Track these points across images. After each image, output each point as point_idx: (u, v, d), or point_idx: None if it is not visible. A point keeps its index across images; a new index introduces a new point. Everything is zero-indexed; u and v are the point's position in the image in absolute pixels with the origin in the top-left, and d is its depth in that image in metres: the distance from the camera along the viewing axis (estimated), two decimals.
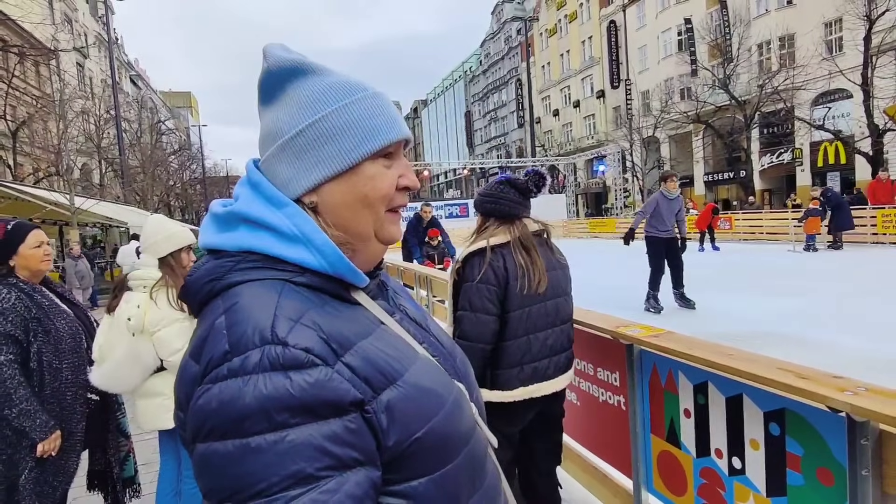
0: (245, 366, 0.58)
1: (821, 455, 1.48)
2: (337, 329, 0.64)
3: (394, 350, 0.68)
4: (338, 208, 0.72)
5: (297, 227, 0.68)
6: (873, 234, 14.55)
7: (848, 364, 4.67)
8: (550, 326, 2.15)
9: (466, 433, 0.71)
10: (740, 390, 1.73)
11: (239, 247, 0.68)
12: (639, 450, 2.25)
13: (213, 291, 0.67)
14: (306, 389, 0.57)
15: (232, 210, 0.72)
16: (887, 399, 1.28)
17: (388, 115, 0.74)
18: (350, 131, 0.71)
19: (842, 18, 21.57)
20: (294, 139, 0.71)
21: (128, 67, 44.87)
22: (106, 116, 27.36)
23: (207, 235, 0.72)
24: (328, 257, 0.68)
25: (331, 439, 0.58)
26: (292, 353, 0.58)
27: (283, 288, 0.66)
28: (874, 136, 19.31)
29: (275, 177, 0.73)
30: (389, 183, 0.74)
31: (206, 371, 0.60)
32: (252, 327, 0.60)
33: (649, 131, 30.74)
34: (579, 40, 41.66)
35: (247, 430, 0.56)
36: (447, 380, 0.73)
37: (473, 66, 66.08)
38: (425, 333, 0.80)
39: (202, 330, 0.65)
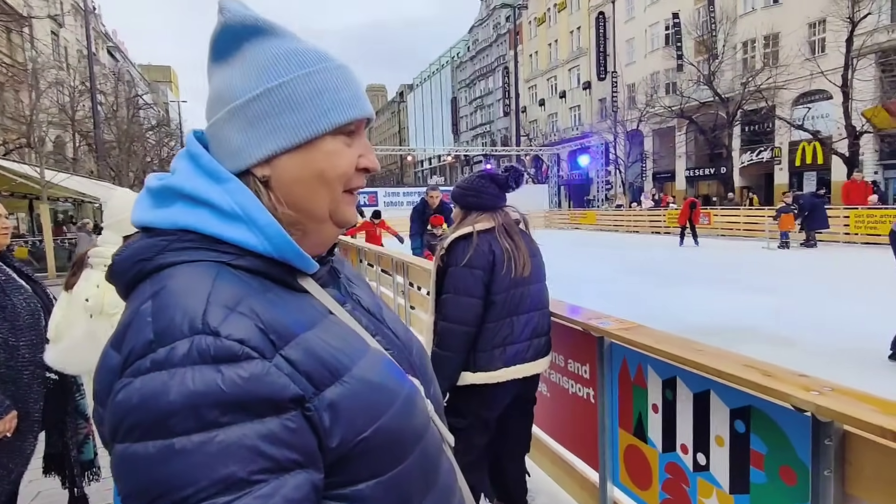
0: (171, 357, 0.52)
1: (784, 454, 1.47)
2: (277, 318, 0.59)
3: (341, 342, 0.62)
4: (292, 184, 0.66)
5: (238, 204, 0.62)
6: (846, 233, 14.88)
7: (816, 361, 4.76)
8: (533, 310, 2.23)
9: (419, 432, 0.67)
10: (708, 386, 1.72)
11: (173, 224, 0.62)
12: (606, 443, 2.23)
13: (142, 273, 0.61)
14: (239, 385, 0.52)
15: (167, 184, 0.65)
16: (852, 400, 1.26)
17: (353, 89, 0.69)
18: (313, 102, 0.66)
19: (826, 20, 21.81)
20: (249, 104, 0.65)
21: (105, 38, 43.46)
22: (81, 88, 26.54)
23: (141, 211, 0.66)
24: (272, 239, 0.62)
25: (266, 439, 0.53)
26: (225, 345, 0.53)
27: (220, 271, 0.60)
28: (851, 138, 19.68)
29: (222, 144, 0.66)
30: (349, 161, 0.69)
31: (126, 362, 0.54)
32: (181, 314, 0.55)
33: (633, 124, 30.90)
34: (568, 30, 41.53)
35: (171, 429, 0.50)
36: (399, 374, 0.68)
37: (461, 53, 65.54)
38: (379, 324, 0.75)
39: (126, 316, 0.59)
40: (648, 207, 24.73)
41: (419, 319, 4.65)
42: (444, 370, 2.15)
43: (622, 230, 24.08)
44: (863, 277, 9.57)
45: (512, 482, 2.53)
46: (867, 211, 14.51)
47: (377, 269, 6.08)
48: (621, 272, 11.27)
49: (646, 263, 12.58)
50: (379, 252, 6.06)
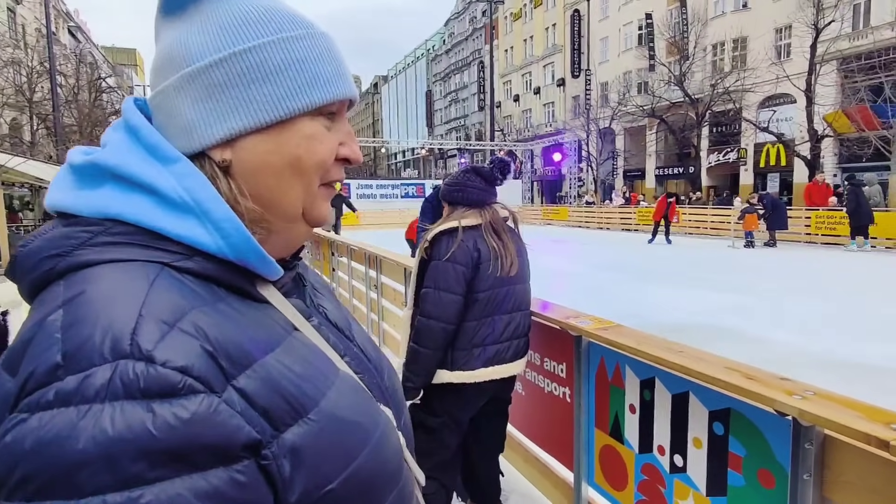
0: (84, 389, 0.40)
1: (763, 457, 1.46)
2: (230, 338, 0.46)
3: (307, 368, 0.51)
4: (259, 172, 0.54)
5: (187, 190, 0.50)
6: (807, 233, 15.37)
7: (781, 358, 4.87)
8: (516, 310, 2.19)
9: (394, 476, 0.57)
10: (687, 388, 1.70)
11: (100, 212, 0.49)
12: (581, 443, 2.21)
13: (53, 272, 0.48)
14: (177, 428, 0.40)
15: (95, 160, 0.51)
16: (834, 404, 1.26)
17: (337, 64, 0.58)
18: (289, 73, 0.53)
19: (791, 25, 22.42)
20: (209, 69, 0.52)
21: (66, 17, 41.67)
22: (39, 69, 25.40)
23: (57, 192, 0.52)
24: (229, 237, 0.50)
25: (209, 499, 0.41)
26: (160, 374, 0.41)
27: (159, 275, 0.47)
28: (813, 141, 20.33)
29: (172, 118, 0.53)
30: (328, 148, 0.57)
31: (22, 392, 0.41)
32: (102, 331, 0.42)
33: (606, 122, 31.28)
34: (543, 27, 41.71)
35: (79, 487, 0.38)
36: (373, 406, 0.57)
37: (437, 45, 65.20)
38: (348, 343, 0.63)
39: (27, 328, 0.45)
40: (619, 205, 25.11)
41: (392, 337, 4.55)
42: (420, 367, 2.10)
43: (593, 226, 24.39)
44: (823, 276, 9.90)
45: (485, 482, 2.50)
46: (827, 212, 15.01)
47: (349, 262, 5.97)
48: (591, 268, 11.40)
49: (616, 260, 12.76)
50: (350, 245, 5.95)
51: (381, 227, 20.31)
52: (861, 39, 21.39)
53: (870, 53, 20.14)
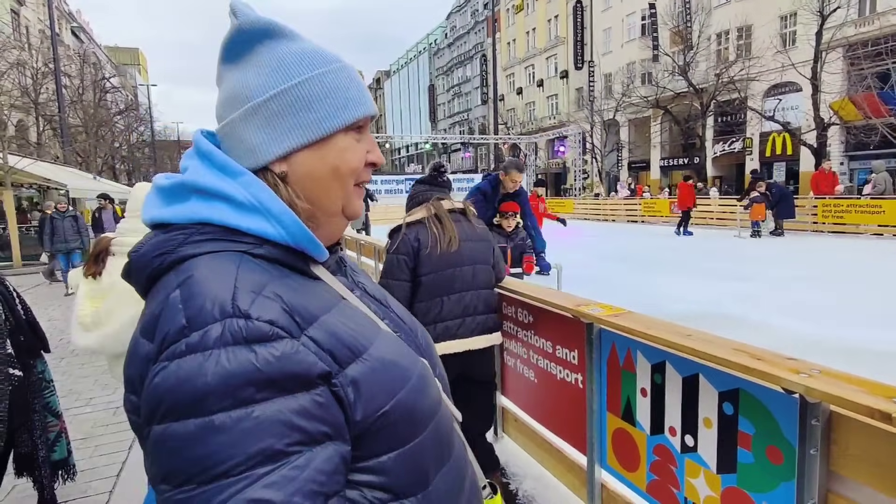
0: (205, 340, 0.55)
1: (771, 434, 1.52)
2: (299, 302, 0.61)
3: (356, 324, 0.66)
4: (308, 179, 0.70)
5: (253, 196, 0.65)
6: (814, 222, 15.32)
7: (787, 345, 4.91)
8: (466, 290, 2.43)
9: (432, 407, 0.70)
10: (697, 370, 1.76)
11: (190, 219, 0.65)
12: (594, 427, 2.27)
13: (164, 266, 0.63)
14: (272, 363, 0.55)
15: (182, 181, 0.68)
16: (839, 381, 1.31)
17: (360, 88, 0.73)
18: (327, 100, 0.69)
19: (797, 13, 22.24)
20: (266, 103, 0.68)
21: (69, 18, 41.79)
22: (44, 70, 25.52)
23: (152, 209, 0.68)
24: (288, 227, 0.65)
25: (299, 413, 0.56)
26: (256, 326, 0.56)
27: (241, 260, 0.63)
28: (819, 129, 20.19)
29: (240, 142, 0.69)
30: (359, 157, 0.73)
31: (161, 348, 0.56)
32: (211, 300, 0.57)
33: (610, 114, 31.17)
34: (545, 19, 41.50)
35: (209, 407, 0.53)
36: (411, 354, 0.72)
37: (439, 39, 64.97)
38: (386, 310, 0.79)
39: (154, 306, 0.61)
40: (624, 196, 25.07)
41: None
42: None
43: (599, 219, 24.37)
44: (830, 264, 9.89)
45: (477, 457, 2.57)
46: (834, 200, 14.96)
47: (359, 257, 6.04)
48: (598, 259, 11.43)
49: (622, 251, 12.78)
50: (360, 240, 6.02)
51: (386, 221, 20.37)
52: (867, 26, 21.20)
53: (876, 40, 19.97)
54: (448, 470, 0.71)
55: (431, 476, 0.68)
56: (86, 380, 5.05)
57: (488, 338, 2.51)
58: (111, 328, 2.26)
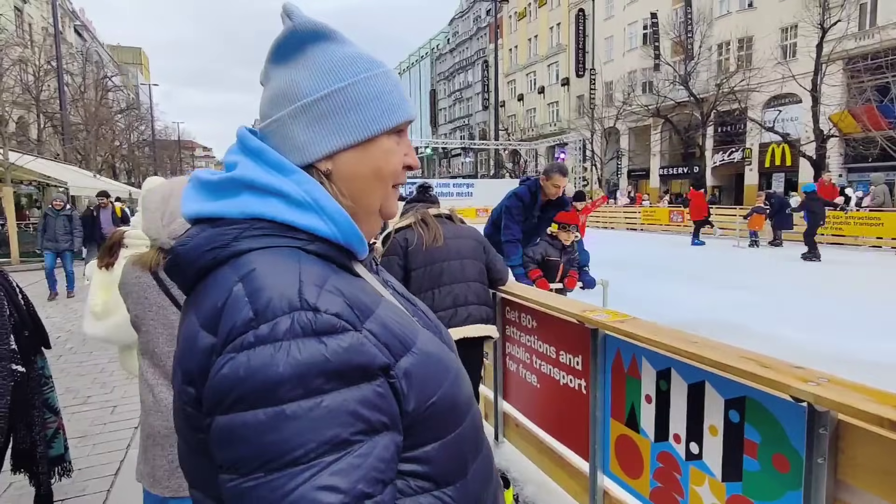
0: (275, 332, 0.56)
1: (778, 442, 1.52)
2: (356, 296, 0.63)
3: (403, 319, 0.68)
4: (351, 178, 0.72)
5: (308, 193, 0.67)
6: None
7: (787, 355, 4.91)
8: (455, 282, 2.57)
9: (469, 399, 0.74)
10: (703, 377, 1.76)
11: (244, 213, 0.66)
12: (597, 433, 2.27)
13: (218, 259, 0.64)
14: (341, 354, 0.57)
15: (233, 176, 0.68)
16: (848, 390, 1.31)
17: (402, 93, 0.76)
18: (374, 103, 0.71)
19: (797, 25, 22.38)
20: (317, 103, 0.69)
21: (72, 17, 41.83)
22: (46, 67, 25.51)
23: (196, 203, 0.69)
24: (340, 225, 0.67)
25: (363, 404, 0.58)
26: (325, 318, 0.58)
27: (301, 255, 0.64)
28: (818, 141, 20.28)
29: (287, 140, 0.70)
30: (399, 159, 0.75)
31: (227, 340, 0.57)
32: (278, 294, 0.58)
33: (610, 122, 31.27)
34: (548, 26, 41.68)
35: (281, 397, 0.54)
36: (447, 349, 0.74)
37: (441, 45, 65.18)
38: (415, 308, 0.81)
39: (213, 299, 0.61)
40: (624, 204, 25.11)
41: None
42: None
43: (598, 226, 24.41)
44: (828, 275, 9.91)
45: None
46: (833, 212, 14.99)
47: None
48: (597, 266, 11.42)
49: (622, 259, 12.78)
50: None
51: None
52: (867, 39, 21.33)
53: (876, 53, 20.08)
54: (482, 459, 0.74)
55: (469, 465, 0.71)
56: (83, 378, 5.03)
57: (482, 328, 2.61)
58: (118, 318, 2.27)
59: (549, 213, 4.44)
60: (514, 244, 4.31)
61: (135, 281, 1.66)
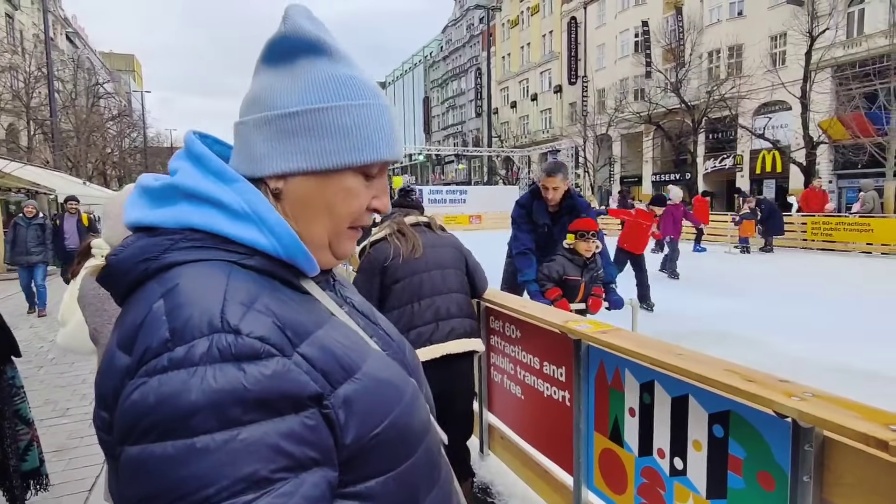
0: (191, 356, 0.51)
1: (763, 459, 1.47)
2: (292, 317, 0.58)
3: (349, 341, 0.63)
4: (300, 205, 0.67)
5: (248, 203, 0.62)
6: (803, 239, 15.42)
7: (776, 363, 4.88)
8: (436, 294, 2.41)
9: (423, 428, 0.68)
10: (686, 391, 1.70)
11: (179, 223, 0.61)
12: (581, 447, 2.21)
13: (147, 273, 0.59)
14: (262, 382, 0.52)
15: (172, 183, 0.64)
16: (833, 406, 1.26)
17: (390, 132, 0.69)
18: (348, 135, 0.66)
19: (786, 33, 22.58)
20: (286, 118, 0.65)
21: (64, 23, 41.67)
22: (37, 74, 25.38)
23: (136, 210, 0.64)
24: (282, 239, 0.62)
25: (287, 437, 0.52)
26: (247, 342, 0.53)
27: (232, 270, 0.59)
28: (808, 148, 20.42)
29: (246, 146, 0.66)
30: (361, 203, 0.69)
31: (141, 362, 0.52)
32: (198, 312, 0.53)
33: (603, 129, 31.40)
34: (540, 34, 41.90)
35: (193, 428, 0.49)
36: (402, 373, 0.69)
37: (434, 52, 65.41)
38: (374, 327, 0.76)
39: (133, 316, 0.56)
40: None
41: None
42: None
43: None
44: (822, 283, 9.92)
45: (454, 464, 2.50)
46: (823, 218, 15.07)
47: (350, 268, 5.97)
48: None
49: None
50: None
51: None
52: (855, 47, 21.55)
53: (864, 61, 20.27)
54: (437, 492, 0.69)
55: (421, 500, 0.66)
56: (63, 389, 4.92)
57: (466, 342, 2.44)
58: (70, 327, 2.23)
59: (563, 219, 3.88)
60: (525, 256, 3.79)
61: (93, 292, 1.60)
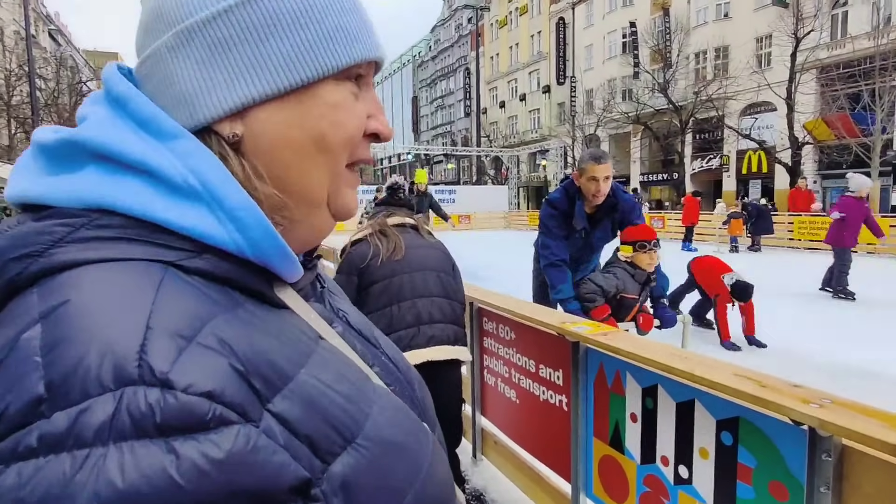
0: (79, 429, 0.29)
1: (775, 468, 1.39)
2: (260, 352, 0.36)
3: (345, 384, 0.41)
4: (277, 149, 0.44)
5: (194, 172, 0.40)
6: (790, 238, 15.55)
7: (773, 363, 4.85)
8: (416, 297, 2.23)
9: (448, 498, 0.47)
10: (693, 396, 1.63)
11: (81, 200, 0.38)
12: (579, 453, 2.13)
13: (23, 277, 0.36)
14: (209, 474, 0.30)
15: (74, 137, 0.40)
16: (853, 413, 1.19)
17: (362, 13, 0.48)
18: (309, 25, 0.44)
19: (772, 35, 22.81)
20: (211, 23, 0.42)
21: (46, 20, 40.97)
22: (18, 72, 24.91)
23: (23, 180, 0.41)
24: (247, 229, 0.40)
25: None
26: (182, 403, 0.31)
27: (165, 277, 0.37)
28: (794, 148, 20.64)
29: (167, 85, 0.43)
30: (358, 120, 0.47)
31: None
32: (98, 350, 0.31)
33: (591, 129, 31.51)
34: (528, 34, 41.97)
35: None
36: (417, 424, 0.47)
37: (423, 52, 65.29)
38: (375, 351, 0.53)
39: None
40: None
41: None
42: None
43: None
44: (811, 281, 9.97)
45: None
46: (810, 218, 15.20)
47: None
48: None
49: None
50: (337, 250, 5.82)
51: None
52: (840, 49, 21.81)
53: (849, 62, 20.52)
54: None
55: None
56: None
57: (449, 349, 2.21)
58: None
59: (605, 223, 3.27)
60: (559, 269, 3.17)
61: None
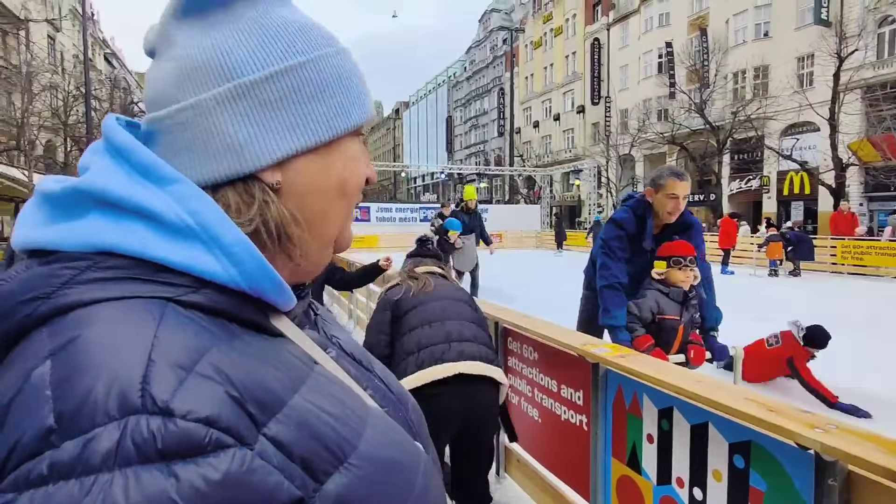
0: (87, 457, 0.32)
1: (785, 492, 1.43)
2: (256, 378, 0.40)
3: (338, 406, 0.44)
4: (308, 194, 0.50)
5: (191, 214, 0.43)
6: (832, 263, 15.04)
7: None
8: (447, 319, 2.33)
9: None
10: (706, 418, 1.67)
11: (87, 245, 0.42)
12: (598, 472, 2.17)
13: (33, 318, 0.39)
14: (208, 495, 0.33)
15: (79, 185, 0.44)
16: (857, 439, 1.23)
17: (363, 80, 0.56)
18: (339, 90, 0.51)
19: (814, 54, 22.33)
20: (261, 84, 0.47)
21: (102, 45, 43.47)
22: (75, 93, 26.45)
23: (29, 227, 0.44)
24: (242, 263, 0.43)
25: None
26: (181, 429, 0.34)
27: (165, 312, 0.40)
28: (837, 170, 20.01)
29: (212, 136, 0.47)
30: (365, 172, 0.56)
31: (7, 464, 0.33)
32: (105, 382, 0.34)
33: (625, 149, 31.28)
34: (563, 55, 42.18)
35: None
36: (411, 444, 0.50)
37: (458, 72, 66.29)
38: (368, 375, 0.57)
39: (3, 387, 0.37)
40: None
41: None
42: None
43: None
44: (851, 308, 9.64)
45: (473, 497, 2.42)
46: (853, 241, 14.69)
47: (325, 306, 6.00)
48: None
49: None
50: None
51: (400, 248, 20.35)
52: (886, 68, 21.19)
53: (895, 82, 19.90)
54: None
55: None
56: None
57: (482, 366, 2.21)
58: None
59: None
60: (616, 292, 2.94)
61: None
